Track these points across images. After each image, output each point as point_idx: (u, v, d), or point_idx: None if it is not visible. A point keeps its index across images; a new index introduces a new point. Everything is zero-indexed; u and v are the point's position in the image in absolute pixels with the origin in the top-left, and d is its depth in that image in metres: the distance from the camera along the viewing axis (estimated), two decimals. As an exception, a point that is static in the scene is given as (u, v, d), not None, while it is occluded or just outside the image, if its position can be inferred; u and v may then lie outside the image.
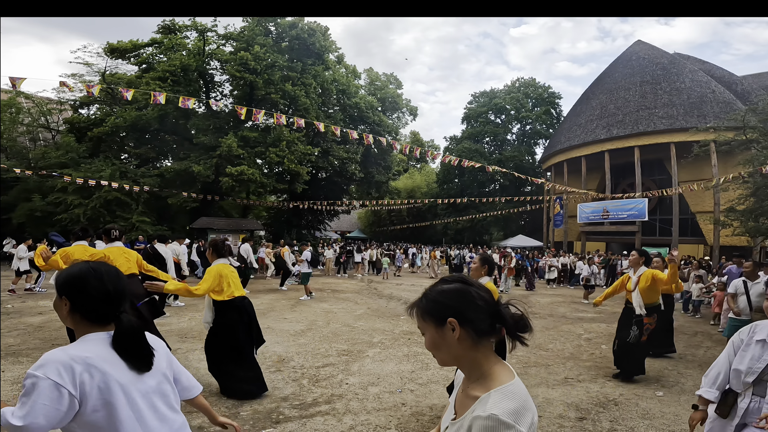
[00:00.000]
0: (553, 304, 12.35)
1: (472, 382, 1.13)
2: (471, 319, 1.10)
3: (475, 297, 1.12)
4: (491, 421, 0.98)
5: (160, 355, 1.45)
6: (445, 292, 1.14)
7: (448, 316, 1.10)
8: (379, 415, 3.98)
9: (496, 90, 43.92)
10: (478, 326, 1.10)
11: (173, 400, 1.45)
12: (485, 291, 1.13)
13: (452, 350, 1.12)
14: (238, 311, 4.33)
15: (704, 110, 23.17)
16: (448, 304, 1.11)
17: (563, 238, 29.65)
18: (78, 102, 22.96)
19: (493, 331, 1.12)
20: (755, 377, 1.94)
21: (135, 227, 17.77)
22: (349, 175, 26.18)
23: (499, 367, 1.12)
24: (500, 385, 1.07)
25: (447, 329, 1.10)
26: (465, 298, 1.11)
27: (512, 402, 1.02)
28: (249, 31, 21.95)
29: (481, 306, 1.11)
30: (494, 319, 1.11)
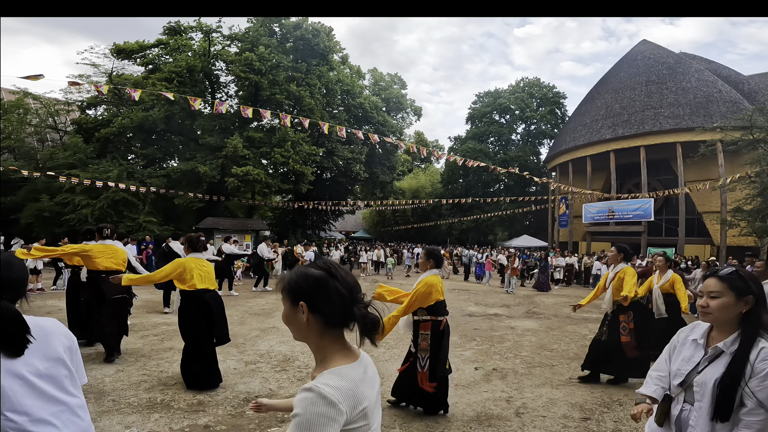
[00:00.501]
0: (557, 304, 12.33)
1: (317, 365, 1.18)
2: (321, 309, 1.14)
3: (332, 290, 1.14)
4: (311, 392, 1.01)
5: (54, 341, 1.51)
6: (306, 277, 1.17)
7: (301, 299, 1.14)
8: (384, 414, 4.01)
9: (500, 90, 43.81)
10: (328, 317, 1.14)
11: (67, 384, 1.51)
12: (347, 288, 1.16)
13: (301, 330, 1.17)
14: (197, 303, 4.46)
15: (711, 110, 23.02)
16: (304, 289, 1.15)
17: (568, 238, 29.55)
18: (85, 103, 23.16)
19: (345, 325, 1.16)
20: (682, 380, 1.76)
21: (142, 227, 17.90)
22: (353, 176, 26.24)
23: (342, 354, 1.16)
24: (336, 367, 1.11)
25: (298, 310, 1.15)
26: (321, 288, 1.14)
27: (340, 381, 1.06)
28: (254, 32, 22.05)
29: (334, 300, 1.14)
30: (347, 314, 1.15)
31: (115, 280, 4.58)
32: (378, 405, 1.20)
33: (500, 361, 6.04)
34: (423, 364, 3.94)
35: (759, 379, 1.55)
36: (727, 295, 1.67)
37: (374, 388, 1.18)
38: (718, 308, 1.68)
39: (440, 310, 4.00)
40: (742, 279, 1.67)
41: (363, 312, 1.16)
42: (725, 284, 1.68)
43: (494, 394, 4.67)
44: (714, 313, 1.70)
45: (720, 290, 1.68)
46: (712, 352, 1.71)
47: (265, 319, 8.30)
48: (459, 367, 5.61)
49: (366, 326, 1.15)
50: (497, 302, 12.27)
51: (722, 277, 1.69)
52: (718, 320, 1.71)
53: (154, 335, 6.72)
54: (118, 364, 5.15)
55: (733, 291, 1.66)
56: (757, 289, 1.67)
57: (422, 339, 3.96)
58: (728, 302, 1.67)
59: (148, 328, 7.26)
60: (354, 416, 1.05)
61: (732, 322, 1.69)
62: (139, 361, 5.33)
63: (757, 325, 1.64)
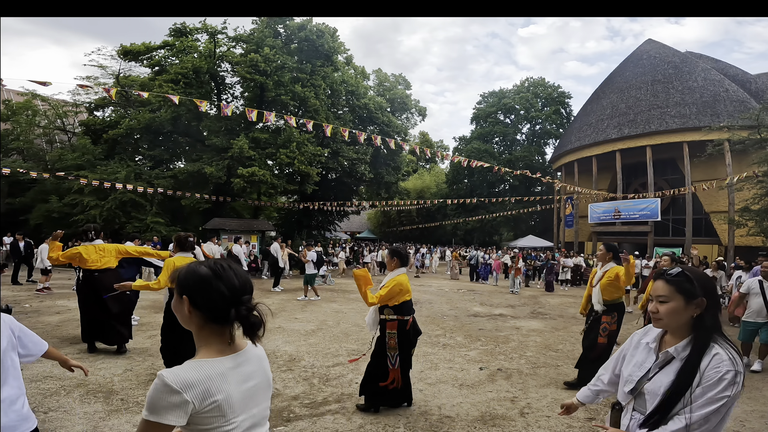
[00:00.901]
0: (563, 305, 12.31)
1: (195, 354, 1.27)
2: (200, 305, 1.23)
3: (213, 290, 1.22)
4: (158, 378, 1.11)
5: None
6: (192, 274, 1.26)
7: (184, 293, 1.24)
8: (388, 414, 4.05)
9: (505, 90, 43.69)
10: (206, 313, 1.23)
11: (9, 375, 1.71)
12: (231, 289, 1.24)
13: (184, 319, 1.27)
14: None
15: (718, 109, 22.87)
16: (189, 285, 1.24)
17: (574, 238, 29.44)
18: (93, 104, 23.35)
19: (224, 322, 1.24)
20: (632, 387, 1.64)
21: (149, 228, 18.04)
22: (358, 176, 26.25)
23: (215, 348, 1.25)
24: (199, 359, 1.20)
25: (183, 302, 1.24)
26: (203, 286, 1.23)
27: (191, 372, 1.14)
28: (258, 33, 22.13)
29: (215, 299, 1.22)
30: (226, 313, 1.22)
31: (122, 287, 4.62)
32: (251, 401, 1.27)
33: (505, 361, 6.05)
34: (394, 361, 4.02)
35: (704, 387, 1.44)
36: (676, 299, 1.54)
37: (244, 384, 1.25)
38: (667, 313, 1.56)
39: (407, 310, 4.06)
40: (690, 281, 1.54)
41: (244, 314, 1.24)
42: (673, 287, 1.55)
43: (499, 394, 4.69)
44: (664, 319, 1.57)
45: (668, 294, 1.56)
46: (663, 358, 1.59)
47: (271, 319, 8.33)
48: (464, 367, 5.63)
49: (245, 327, 1.25)
50: (502, 302, 12.26)
51: (669, 280, 1.57)
52: (669, 325, 1.59)
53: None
54: (127, 364, 5.22)
55: (682, 294, 1.54)
56: (709, 290, 1.55)
57: (390, 338, 4.02)
58: (677, 306, 1.54)
59: (156, 327, 7.31)
60: (203, 407, 1.13)
61: (684, 327, 1.57)
62: (147, 360, 5.40)
63: (710, 330, 1.53)
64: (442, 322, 8.74)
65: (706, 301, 1.53)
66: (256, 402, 1.30)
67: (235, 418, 1.21)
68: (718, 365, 1.44)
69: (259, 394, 1.32)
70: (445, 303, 11.66)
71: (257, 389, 1.31)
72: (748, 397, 4.92)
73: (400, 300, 4.00)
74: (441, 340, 7.17)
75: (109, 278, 5.41)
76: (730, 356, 1.46)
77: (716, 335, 1.53)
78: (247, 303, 1.26)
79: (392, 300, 3.99)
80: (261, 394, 1.33)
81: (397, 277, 4.03)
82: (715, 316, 1.55)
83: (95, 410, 3.83)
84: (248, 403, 1.26)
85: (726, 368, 1.43)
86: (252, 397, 1.28)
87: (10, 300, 8.94)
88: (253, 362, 1.31)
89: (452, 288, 15.71)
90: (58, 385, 4.38)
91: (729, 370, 1.43)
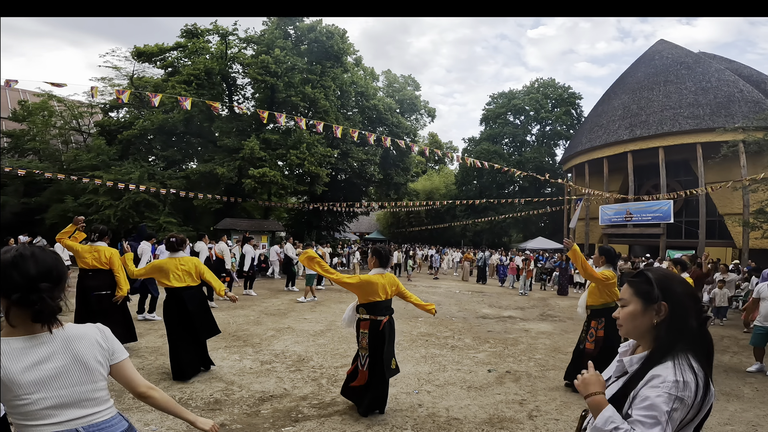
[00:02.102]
0: (573, 307, 12.20)
1: None
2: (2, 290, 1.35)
3: (8, 276, 1.35)
4: None
5: None
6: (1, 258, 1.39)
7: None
8: (396, 415, 4.07)
9: (514, 91, 43.42)
10: (6, 297, 1.34)
11: None
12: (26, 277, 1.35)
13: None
14: (176, 300, 4.84)
15: (732, 110, 22.52)
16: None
17: (584, 240, 29.18)
18: (108, 105, 23.70)
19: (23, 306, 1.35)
20: None
21: (162, 228, 18.26)
22: (368, 177, 26.33)
23: (14, 330, 1.37)
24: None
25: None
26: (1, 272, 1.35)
27: None
28: (269, 34, 22.31)
29: (9, 285, 1.34)
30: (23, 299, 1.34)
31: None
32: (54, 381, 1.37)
33: (514, 363, 6.04)
34: (363, 362, 3.96)
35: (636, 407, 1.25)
36: (633, 302, 1.39)
37: (39, 365, 1.35)
38: (624, 318, 1.41)
39: (380, 310, 4.01)
40: (649, 282, 1.37)
41: (33, 299, 1.34)
42: (632, 290, 1.40)
43: (507, 397, 4.69)
44: (624, 325, 1.42)
45: (627, 297, 1.42)
46: (618, 368, 1.45)
47: (280, 320, 8.42)
48: (472, 369, 5.63)
49: (33, 313, 1.35)
50: (511, 304, 12.22)
51: (630, 282, 1.43)
52: (630, 333, 1.42)
53: (173, 334, 6.88)
54: (138, 363, 5.30)
55: (639, 297, 1.38)
56: (673, 295, 1.35)
57: (362, 337, 3.99)
58: (634, 310, 1.38)
59: (168, 327, 7.42)
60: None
61: (647, 337, 1.38)
62: (158, 360, 5.48)
63: (669, 341, 1.31)
64: (450, 324, 8.74)
65: (667, 307, 1.33)
66: (63, 383, 1.39)
67: (28, 395, 1.32)
68: (658, 384, 1.22)
69: (66, 375, 1.40)
70: (454, 304, 11.65)
71: (61, 370, 1.39)
72: (762, 401, 4.86)
73: (367, 299, 3.97)
74: (449, 341, 7.17)
75: (100, 279, 5.49)
76: (679, 378, 1.22)
77: (679, 350, 1.29)
78: (44, 291, 1.36)
79: (361, 297, 4.00)
80: (69, 375, 1.41)
81: (371, 275, 4.02)
82: (682, 326, 1.32)
83: (108, 408, 3.88)
84: (49, 383, 1.36)
85: (664, 390, 1.21)
86: (55, 378, 1.37)
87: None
88: (54, 344, 1.40)
89: (462, 289, 15.68)
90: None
91: (665, 393, 1.20)
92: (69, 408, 1.39)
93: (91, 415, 1.45)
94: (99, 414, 1.48)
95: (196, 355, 4.94)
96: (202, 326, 4.96)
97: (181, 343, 4.79)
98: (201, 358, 5.03)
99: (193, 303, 4.89)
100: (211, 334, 5.11)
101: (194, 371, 4.87)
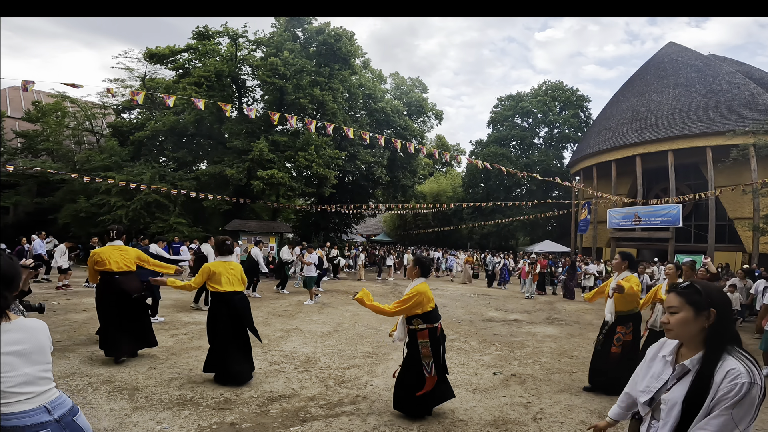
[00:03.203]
0: (580, 311, 12.20)
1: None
2: None
3: None
4: None
5: None
6: None
7: None
8: (403, 416, 4.13)
9: (522, 93, 43.30)
10: None
11: None
12: None
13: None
14: (226, 305, 4.82)
15: (743, 113, 22.32)
16: None
17: (592, 244, 29.03)
18: (120, 106, 24.01)
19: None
20: (650, 398, 1.69)
21: (172, 228, 18.48)
22: (375, 179, 26.40)
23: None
24: None
25: None
26: None
27: None
28: (278, 37, 22.48)
29: None
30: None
31: (157, 282, 4.90)
32: (22, 362, 1.61)
33: (519, 366, 6.08)
34: (429, 369, 4.02)
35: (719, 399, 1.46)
36: (685, 310, 1.61)
37: (10, 347, 1.58)
38: (677, 324, 1.62)
39: (434, 317, 4.12)
40: (699, 293, 1.60)
41: None
42: (683, 299, 1.62)
43: (512, 399, 4.73)
44: (675, 329, 1.64)
45: (678, 305, 1.63)
46: (679, 370, 1.63)
47: (288, 321, 8.52)
48: (477, 372, 5.68)
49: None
50: (517, 308, 12.22)
51: (679, 292, 1.64)
52: (681, 336, 1.66)
53: (184, 334, 7.01)
54: (151, 362, 5.41)
55: (691, 305, 1.59)
56: (719, 302, 1.59)
57: (423, 347, 4.04)
58: (687, 317, 1.60)
59: (179, 326, 7.56)
60: None
61: (696, 338, 1.61)
62: (170, 359, 5.58)
63: (722, 341, 1.56)
64: (456, 327, 8.78)
65: (716, 313, 1.56)
66: (29, 363, 1.63)
67: (7, 373, 1.55)
68: (735, 377, 1.45)
69: (31, 356, 1.64)
70: (461, 307, 11.68)
71: (27, 352, 1.63)
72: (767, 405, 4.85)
73: (425, 309, 4.03)
74: (455, 344, 7.21)
75: (130, 280, 5.45)
76: (746, 368, 1.47)
77: (730, 347, 1.55)
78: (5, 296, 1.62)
79: (414, 309, 4.01)
80: (33, 356, 1.65)
81: (417, 286, 4.05)
82: (727, 328, 1.58)
83: (121, 407, 3.98)
84: (18, 364, 1.59)
85: (742, 380, 1.44)
86: (23, 358, 1.61)
87: (39, 298, 9.30)
88: (21, 331, 1.64)
89: (468, 292, 15.69)
90: (85, 382, 4.55)
91: (744, 382, 1.44)
92: (31, 385, 1.63)
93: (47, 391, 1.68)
94: (51, 391, 1.71)
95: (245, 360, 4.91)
96: (252, 328, 4.99)
97: (229, 348, 4.76)
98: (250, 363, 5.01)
99: (243, 308, 4.91)
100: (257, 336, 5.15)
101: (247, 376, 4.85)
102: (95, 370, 4.93)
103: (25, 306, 4.03)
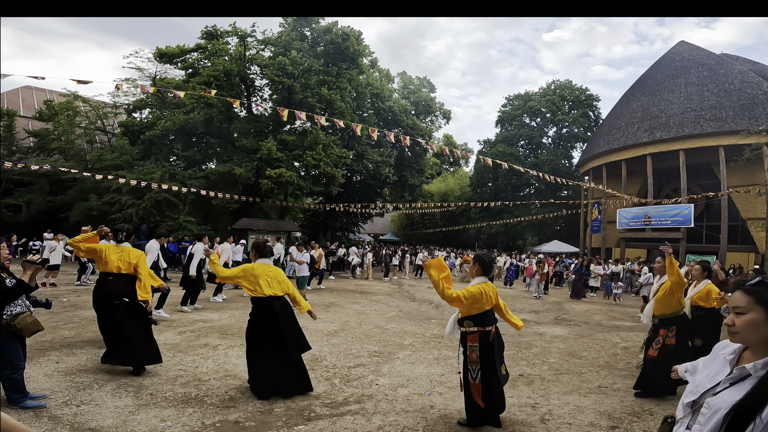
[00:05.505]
0: (588, 312, 12.07)
1: None
2: None
3: None
4: None
5: None
6: None
7: None
8: (408, 416, 4.09)
9: (530, 93, 42.91)
10: None
11: None
12: None
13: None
14: (265, 310, 4.42)
15: (756, 112, 21.94)
16: None
17: (601, 244, 28.73)
18: (131, 106, 24.24)
19: None
20: (694, 399, 1.49)
21: (182, 227, 18.61)
22: (383, 179, 26.40)
23: None
24: None
25: None
26: None
27: None
28: (286, 36, 22.57)
29: None
30: None
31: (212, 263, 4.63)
32: None
33: (527, 367, 6.01)
34: (475, 375, 3.79)
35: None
36: (755, 311, 1.38)
37: None
38: (744, 326, 1.40)
39: (488, 320, 3.86)
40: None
41: None
42: (752, 298, 1.40)
43: (520, 400, 4.68)
44: (741, 333, 1.42)
45: (746, 305, 1.40)
46: (737, 373, 1.40)
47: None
48: (484, 373, 5.62)
49: None
50: (525, 308, 12.12)
51: (748, 290, 1.42)
52: (747, 341, 1.43)
53: (191, 332, 7.03)
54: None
55: (762, 306, 1.37)
56: None
57: (471, 351, 3.80)
58: (756, 319, 1.38)
59: (185, 324, 7.59)
60: None
61: (765, 343, 1.39)
62: (176, 356, 5.59)
63: None
64: (463, 327, 8.71)
65: None
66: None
67: None
68: None
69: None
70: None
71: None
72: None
73: (482, 309, 3.80)
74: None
75: (123, 285, 4.93)
76: None
77: None
78: None
79: (472, 307, 3.79)
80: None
81: (481, 284, 3.87)
82: None
83: (125, 404, 3.98)
84: None
85: None
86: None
87: (50, 294, 9.39)
88: None
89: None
90: (91, 379, 4.56)
91: None
92: None
93: None
94: None
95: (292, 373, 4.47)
96: (292, 341, 4.46)
97: (264, 359, 4.37)
98: (298, 378, 4.53)
99: (284, 315, 4.48)
100: (302, 350, 4.59)
101: (289, 390, 4.42)
102: (102, 366, 4.95)
103: (32, 301, 4.07)
